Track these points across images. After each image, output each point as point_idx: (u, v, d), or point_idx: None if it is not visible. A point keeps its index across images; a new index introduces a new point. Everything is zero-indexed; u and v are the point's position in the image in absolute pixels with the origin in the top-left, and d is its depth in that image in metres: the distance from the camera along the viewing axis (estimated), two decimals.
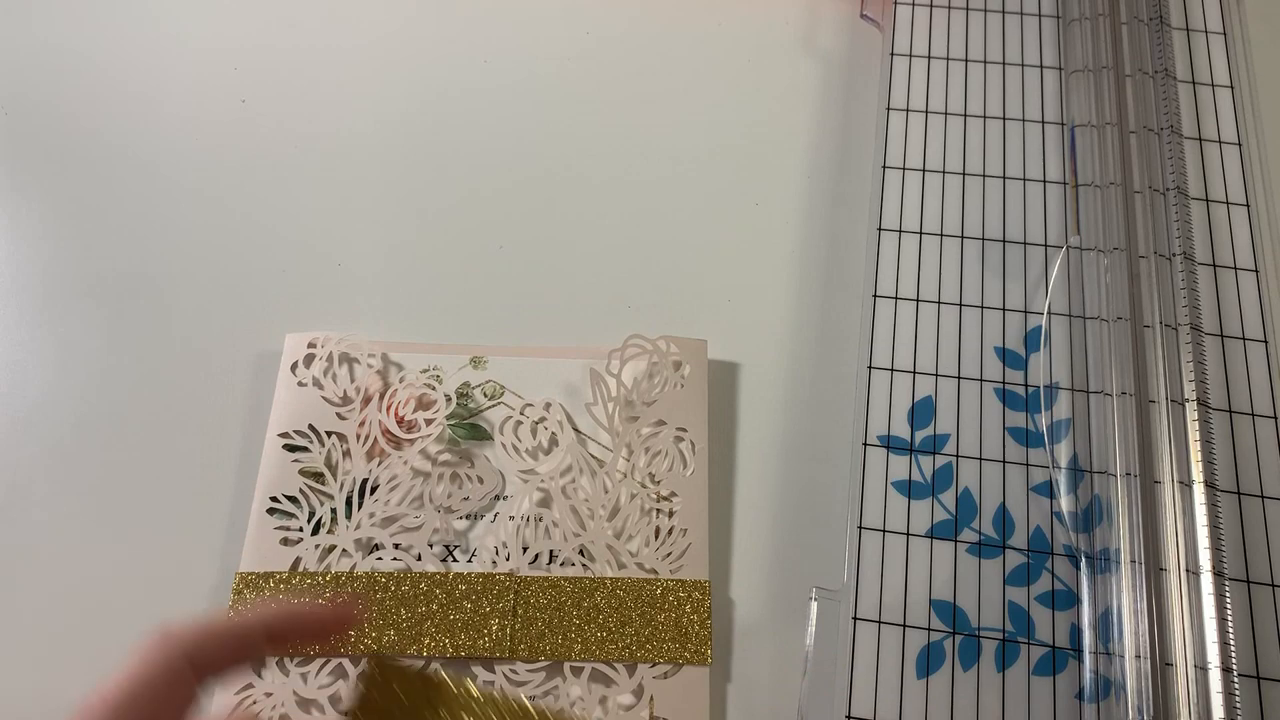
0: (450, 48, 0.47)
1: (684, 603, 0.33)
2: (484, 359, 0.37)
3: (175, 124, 0.45)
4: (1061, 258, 0.38)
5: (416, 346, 0.38)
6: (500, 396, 0.37)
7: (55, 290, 0.40)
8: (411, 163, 0.44)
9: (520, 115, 0.45)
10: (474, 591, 0.33)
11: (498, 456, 0.36)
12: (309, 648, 0.32)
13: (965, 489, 0.34)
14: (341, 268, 0.41)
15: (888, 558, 0.33)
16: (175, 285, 0.41)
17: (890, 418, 0.35)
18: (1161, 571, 0.31)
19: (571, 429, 0.36)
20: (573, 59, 0.46)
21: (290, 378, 0.37)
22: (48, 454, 0.37)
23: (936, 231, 0.39)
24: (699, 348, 0.37)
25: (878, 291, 0.38)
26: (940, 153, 0.41)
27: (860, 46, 0.46)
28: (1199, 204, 0.39)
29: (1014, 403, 0.35)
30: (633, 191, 0.43)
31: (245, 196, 0.43)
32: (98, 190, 0.43)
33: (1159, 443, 0.33)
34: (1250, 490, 0.33)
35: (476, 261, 0.41)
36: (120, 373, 0.39)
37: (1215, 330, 0.36)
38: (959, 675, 0.31)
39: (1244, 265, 0.38)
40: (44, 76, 0.46)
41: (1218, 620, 0.30)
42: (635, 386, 0.36)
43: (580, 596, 0.33)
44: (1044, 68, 0.43)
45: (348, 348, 0.37)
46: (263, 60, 0.47)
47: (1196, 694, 0.29)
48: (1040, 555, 0.33)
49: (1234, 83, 0.42)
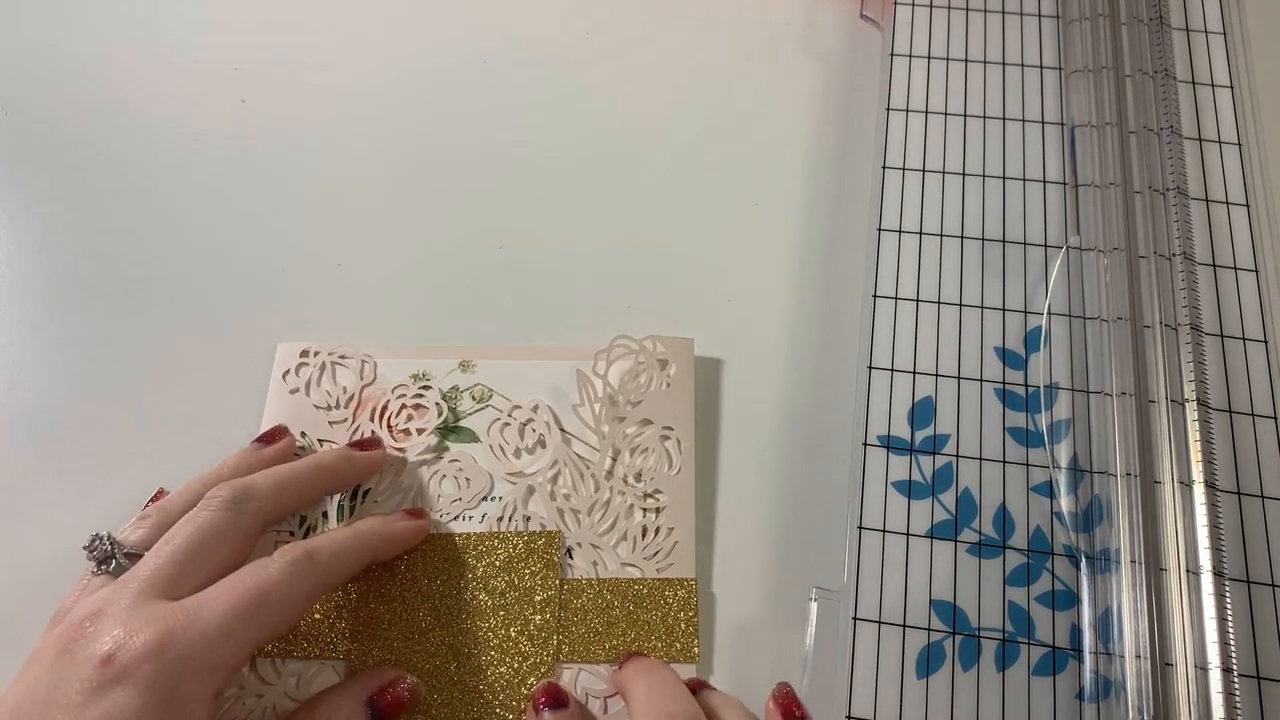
0: (450, 48, 0.47)
1: (671, 601, 0.33)
2: (473, 363, 0.38)
3: (175, 124, 0.45)
4: (1061, 258, 0.38)
5: (406, 351, 0.38)
6: (488, 400, 0.37)
7: (55, 290, 0.40)
8: (410, 163, 0.44)
9: (520, 115, 0.45)
10: None
11: (485, 458, 0.36)
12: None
13: (965, 489, 0.34)
14: (341, 268, 0.41)
15: (888, 558, 0.33)
16: (175, 285, 0.41)
17: (890, 418, 0.35)
18: (1161, 571, 0.31)
19: (559, 430, 0.36)
20: (572, 59, 0.46)
21: (282, 385, 0.37)
22: (47, 454, 0.37)
23: (936, 231, 0.39)
24: (686, 346, 0.37)
25: (878, 291, 0.38)
26: (940, 153, 0.41)
27: (860, 46, 0.46)
28: (1199, 204, 0.39)
29: (1014, 403, 0.35)
30: (631, 191, 0.43)
31: (245, 196, 0.43)
32: (97, 190, 0.43)
33: (1159, 443, 0.33)
34: (1250, 490, 0.33)
35: (474, 262, 0.41)
36: (120, 373, 0.39)
37: (1215, 330, 0.36)
38: (959, 675, 0.31)
39: (1244, 265, 0.38)
40: (43, 76, 0.46)
41: (1218, 620, 0.30)
42: (621, 386, 0.36)
43: (568, 597, 0.33)
44: (1044, 68, 0.43)
45: (339, 356, 0.38)
46: (263, 60, 0.47)
47: (1196, 694, 0.29)
48: (1040, 555, 0.33)
49: (1234, 83, 0.42)
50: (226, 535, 0.29)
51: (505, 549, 0.34)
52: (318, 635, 0.32)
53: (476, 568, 0.33)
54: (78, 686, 0.24)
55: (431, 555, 0.33)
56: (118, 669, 0.24)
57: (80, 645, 0.25)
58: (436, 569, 0.33)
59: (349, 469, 0.34)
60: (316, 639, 0.32)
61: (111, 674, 0.24)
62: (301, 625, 0.32)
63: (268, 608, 0.27)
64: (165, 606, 0.26)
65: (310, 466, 0.33)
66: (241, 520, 0.30)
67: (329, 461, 0.34)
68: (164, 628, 0.25)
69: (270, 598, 0.27)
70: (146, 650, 0.25)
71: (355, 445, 0.35)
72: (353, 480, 0.35)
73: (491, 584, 0.33)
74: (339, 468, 0.34)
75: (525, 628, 0.32)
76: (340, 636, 0.32)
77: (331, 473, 0.34)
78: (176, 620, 0.26)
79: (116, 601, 0.26)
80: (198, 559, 0.28)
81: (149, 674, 0.24)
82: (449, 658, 0.32)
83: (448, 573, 0.33)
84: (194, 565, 0.28)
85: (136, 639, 0.25)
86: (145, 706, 0.24)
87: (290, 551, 0.29)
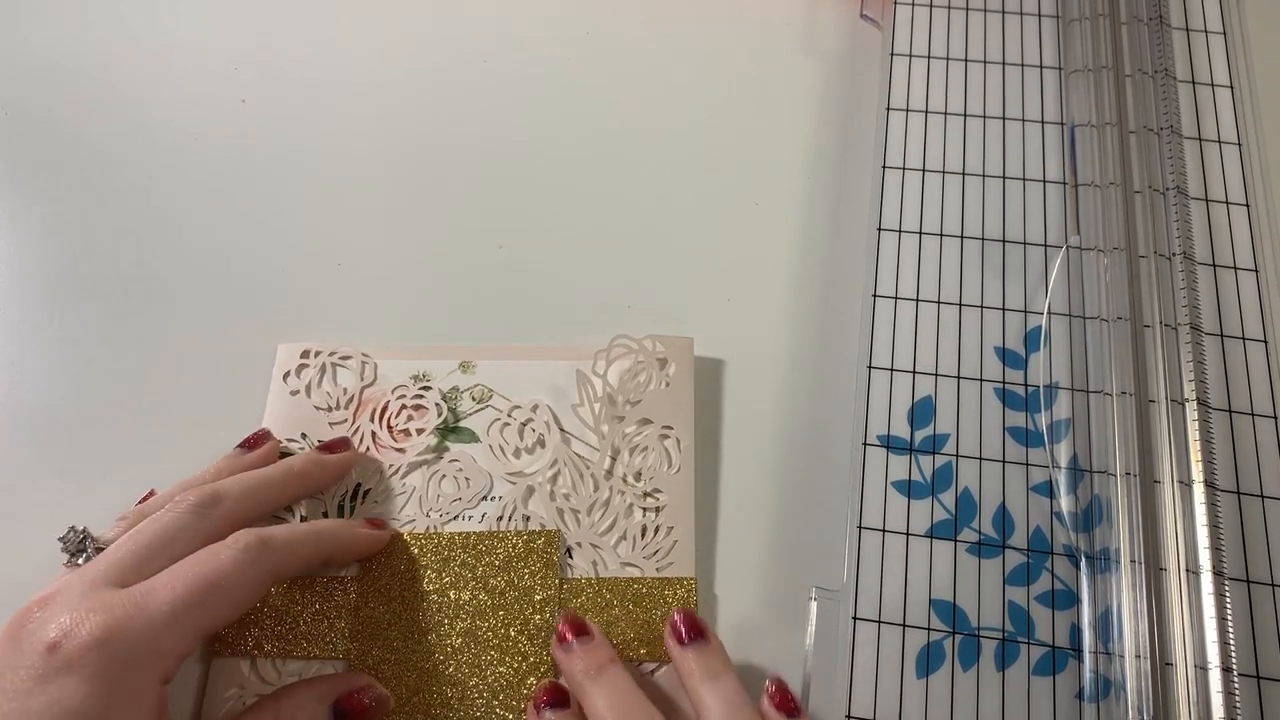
0: (449, 48, 0.47)
1: (670, 601, 0.33)
2: (473, 363, 0.38)
3: (175, 124, 0.45)
4: (1061, 258, 0.38)
5: (406, 352, 0.38)
6: (488, 400, 0.37)
7: (55, 290, 0.40)
8: (410, 163, 0.44)
9: (520, 115, 0.45)
10: None
11: (485, 458, 0.36)
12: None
13: (965, 489, 0.34)
14: (341, 268, 0.41)
15: (887, 557, 0.33)
16: (175, 285, 0.41)
17: (890, 418, 0.35)
18: (1161, 571, 0.31)
19: (558, 430, 0.36)
20: (572, 59, 0.46)
21: (282, 387, 0.37)
22: (47, 454, 0.37)
23: (936, 231, 0.39)
24: (685, 345, 0.37)
25: (877, 291, 0.38)
26: (940, 153, 0.41)
27: (860, 46, 0.46)
28: (1199, 204, 0.39)
29: (1014, 403, 0.35)
30: (631, 191, 0.43)
31: (245, 196, 0.43)
32: (97, 190, 0.43)
33: (1159, 443, 0.33)
34: (1250, 490, 0.33)
35: (474, 262, 0.41)
36: (120, 373, 0.39)
37: (1215, 330, 0.36)
38: (959, 675, 0.31)
39: (1244, 265, 0.38)
40: (43, 76, 0.46)
41: (1218, 620, 0.30)
42: (620, 386, 0.36)
43: (567, 596, 0.33)
44: (1044, 68, 0.43)
45: (339, 357, 0.38)
46: (263, 60, 0.47)
47: (1196, 694, 0.29)
48: (1040, 555, 0.33)
49: (1234, 83, 0.42)
50: (189, 537, 0.29)
51: (505, 548, 0.34)
52: (318, 635, 0.32)
53: (476, 567, 0.33)
54: (24, 674, 0.24)
55: (431, 555, 0.34)
56: (63, 657, 0.24)
57: (27, 631, 0.25)
58: (436, 569, 0.33)
59: (319, 472, 0.34)
60: (316, 639, 0.32)
61: (57, 662, 0.24)
62: (301, 625, 0.32)
63: (217, 595, 0.27)
64: (114, 594, 0.26)
65: (280, 472, 0.33)
66: (205, 525, 0.29)
67: (300, 466, 0.34)
68: (110, 616, 0.25)
69: (219, 585, 0.27)
70: (91, 639, 0.25)
71: (323, 448, 0.35)
72: (324, 483, 0.34)
73: (491, 584, 0.33)
74: (310, 471, 0.34)
75: (525, 627, 0.32)
76: (340, 636, 0.32)
77: (303, 477, 0.34)
78: (124, 609, 0.26)
79: (70, 588, 0.26)
80: (157, 556, 0.28)
81: (94, 662, 0.24)
82: (449, 657, 0.32)
83: (448, 572, 0.33)
84: (151, 561, 0.28)
85: (82, 627, 0.25)
86: (90, 695, 0.24)
87: (243, 538, 0.29)
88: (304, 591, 0.33)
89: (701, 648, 0.30)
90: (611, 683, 0.29)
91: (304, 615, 0.32)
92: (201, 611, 0.27)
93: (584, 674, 0.30)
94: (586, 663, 0.30)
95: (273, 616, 0.32)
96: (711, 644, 0.30)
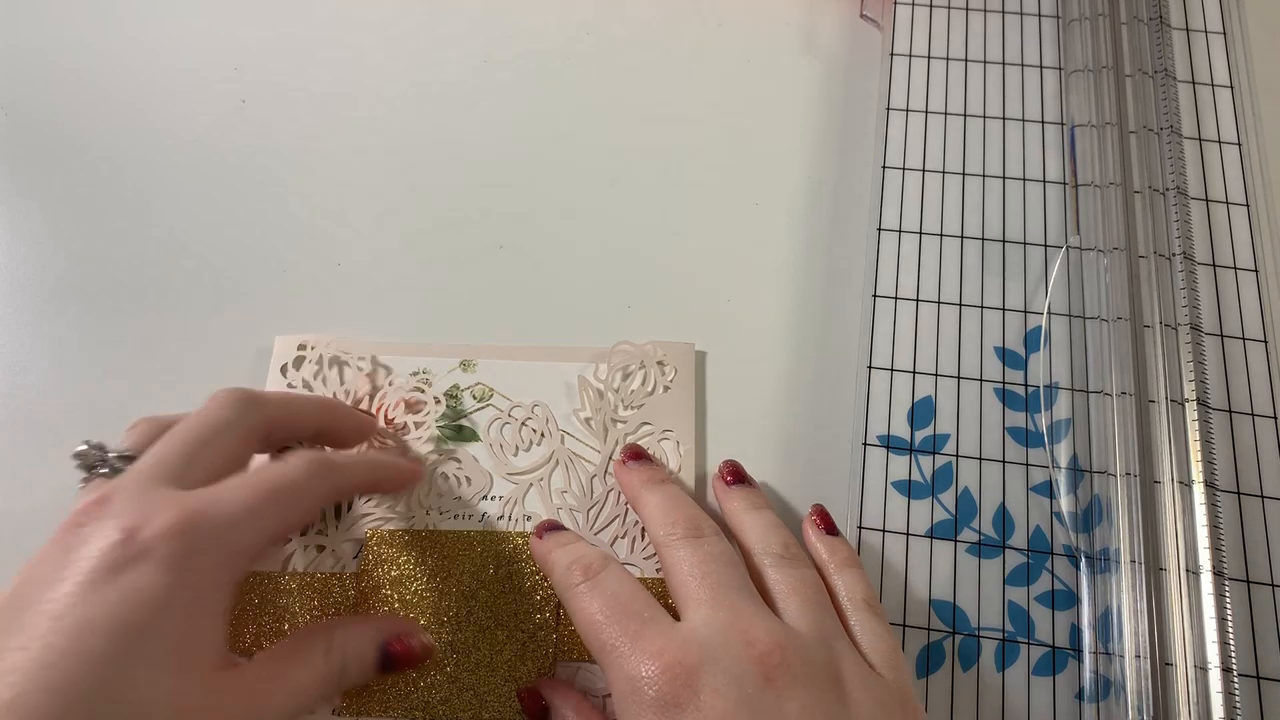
0: (449, 48, 0.47)
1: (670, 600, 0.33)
2: (473, 362, 0.37)
3: (175, 124, 0.45)
4: (1061, 258, 0.38)
5: (407, 349, 0.38)
6: (489, 399, 0.37)
7: (55, 290, 0.40)
8: (410, 163, 0.44)
9: (520, 115, 0.45)
10: None
11: (485, 457, 0.36)
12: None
13: (965, 489, 0.34)
14: (341, 268, 0.41)
15: (888, 557, 0.33)
16: (175, 285, 0.40)
17: (890, 418, 0.35)
18: (1161, 571, 0.31)
19: (558, 430, 0.36)
20: (572, 59, 0.46)
21: (280, 380, 0.37)
22: (46, 454, 0.37)
23: (936, 231, 0.39)
24: (686, 350, 0.37)
25: (877, 291, 0.38)
26: (940, 153, 0.41)
27: (860, 46, 0.46)
28: (1199, 204, 0.39)
29: (1014, 403, 0.35)
30: (631, 192, 0.43)
31: (245, 196, 0.43)
32: (97, 190, 0.43)
33: (1159, 443, 0.33)
34: (1250, 490, 0.33)
35: (472, 262, 0.41)
36: (120, 372, 0.39)
37: (1215, 330, 0.36)
38: (959, 675, 0.31)
39: (1244, 265, 0.38)
40: (43, 76, 0.46)
41: (1218, 620, 0.30)
42: (621, 390, 0.36)
43: None
44: (1044, 68, 0.43)
45: (338, 350, 0.38)
46: (263, 60, 0.47)
47: (1196, 694, 0.29)
48: (1040, 555, 0.33)
49: (1234, 83, 0.42)
50: (232, 432, 0.27)
51: (505, 548, 0.34)
52: None
53: (476, 566, 0.33)
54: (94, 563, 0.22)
55: (431, 554, 0.33)
56: (140, 545, 0.22)
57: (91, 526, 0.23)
58: (436, 568, 0.33)
59: (349, 417, 0.34)
60: None
61: (134, 550, 0.22)
62: (301, 623, 0.32)
63: (288, 501, 0.26)
64: (179, 492, 0.24)
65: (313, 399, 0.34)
66: (249, 419, 0.28)
67: (330, 401, 0.35)
68: (184, 508, 0.24)
69: (290, 493, 0.26)
70: (171, 526, 0.23)
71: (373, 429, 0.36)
72: (349, 427, 0.34)
73: (491, 583, 0.33)
74: (339, 411, 0.34)
75: (525, 627, 0.32)
76: None
77: (332, 410, 0.33)
78: (198, 501, 0.24)
79: (123, 488, 0.24)
80: (205, 451, 0.26)
81: (174, 552, 0.23)
82: (449, 657, 0.32)
83: (447, 572, 0.33)
84: (202, 457, 0.26)
85: (157, 517, 0.23)
86: (171, 586, 0.22)
87: (309, 454, 0.28)
88: (304, 589, 0.33)
89: (745, 488, 0.33)
90: (665, 490, 0.32)
91: (304, 613, 0.32)
92: (273, 513, 0.26)
93: (642, 484, 0.32)
94: (644, 476, 0.33)
95: (273, 614, 0.32)
96: (754, 486, 0.34)
